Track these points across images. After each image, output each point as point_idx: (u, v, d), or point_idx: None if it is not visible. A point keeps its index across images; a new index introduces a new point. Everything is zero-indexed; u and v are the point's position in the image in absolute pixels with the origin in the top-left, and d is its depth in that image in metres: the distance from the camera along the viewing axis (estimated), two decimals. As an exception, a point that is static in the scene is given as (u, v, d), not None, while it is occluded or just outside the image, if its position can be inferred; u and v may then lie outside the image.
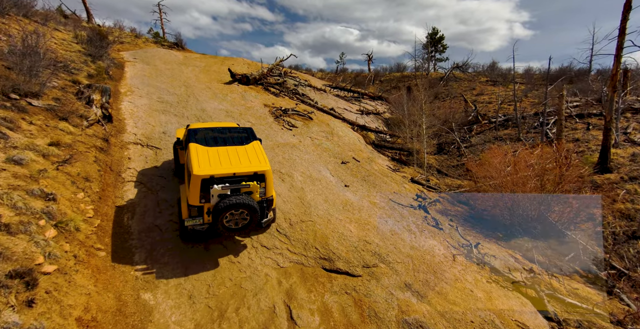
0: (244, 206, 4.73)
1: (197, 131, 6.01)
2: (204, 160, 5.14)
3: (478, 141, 14.93)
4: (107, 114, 8.23)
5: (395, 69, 39.95)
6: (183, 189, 5.46)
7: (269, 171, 5.21)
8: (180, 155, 6.80)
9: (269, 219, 5.41)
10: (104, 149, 7.06)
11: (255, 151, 5.64)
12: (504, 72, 29.42)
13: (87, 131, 7.22)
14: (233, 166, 5.12)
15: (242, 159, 5.36)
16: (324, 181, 8.51)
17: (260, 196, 5.16)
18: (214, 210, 4.70)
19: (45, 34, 11.66)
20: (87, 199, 5.41)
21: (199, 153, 5.30)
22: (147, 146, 8.07)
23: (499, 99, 18.60)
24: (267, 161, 5.43)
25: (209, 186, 4.81)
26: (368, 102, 24.43)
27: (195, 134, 5.87)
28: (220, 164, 5.12)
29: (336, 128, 13.44)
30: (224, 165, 5.10)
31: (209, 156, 5.27)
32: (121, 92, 10.52)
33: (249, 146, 5.81)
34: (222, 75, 16.44)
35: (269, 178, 5.20)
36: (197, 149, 5.42)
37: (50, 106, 6.99)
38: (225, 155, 5.39)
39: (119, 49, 18.64)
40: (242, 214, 4.87)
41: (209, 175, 4.79)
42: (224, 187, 4.77)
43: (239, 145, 5.80)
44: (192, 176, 4.77)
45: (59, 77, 8.41)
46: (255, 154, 5.57)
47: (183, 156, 6.65)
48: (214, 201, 4.79)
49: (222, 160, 5.23)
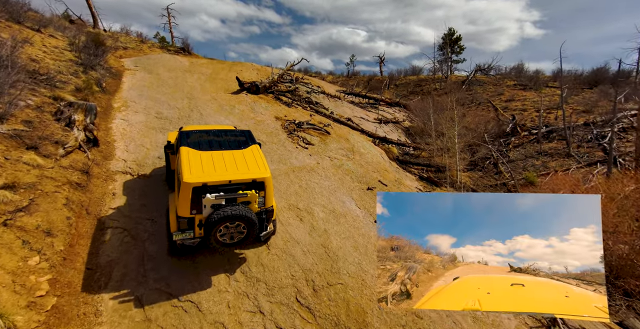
0: (240, 218, 4.22)
1: (190, 134, 5.41)
2: (196, 166, 4.56)
3: (518, 155, 13.08)
4: (91, 137, 6.90)
5: (410, 72, 38.16)
6: (172, 199, 4.89)
7: (269, 178, 4.65)
8: (171, 160, 6.03)
9: (268, 232, 4.83)
10: (81, 184, 5.68)
11: (254, 156, 5.07)
12: (531, 74, 27.34)
13: (63, 161, 5.86)
14: (229, 172, 4.56)
15: (239, 164, 4.78)
16: (350, 217, 6.95)
17: (259, 207, 4.60)
18: (207, 222, 4.15)
19: (35, 42, 10.53)
20: (44, 265, 4.00)
21: (191, 158, 4.71)
22: (138, 175, 6.68)
23: (539, 106, 16.65)
24: (267, 167, 4.84)
25: (201, 195, 4.22)
26: (385, 109, 22.79)
27: (188, 137, 5.27)
28: (214, 170, 4.56)
29: (357, 144, 11.87)
30: (219, 171, 4.54)
31: (202, 161, 4.69)
32: (114, 107, 9.23)
33: (246, 150, 5.23)
34: (229, 84, 15.12)
35: (269, 186, 4.66)
36: (189, 153, 4.82)
37: (16, 131, 5.67)
38: (220, 160, 4.81)
39: (121, 55, 17.61)
40: (238, 227, 4.33)
41: (202, 183, 4.24)
42: (218, 197, 4.23)
43: (236, 149, 5.20)
44: (182, 184, 4.18)
45: (37, 93, 7.14)
46: (254, 159, 4.99)
47: (174, 161, 5.78)
48: (206, 212, 4.23)
49: (216, 166, 4.66)
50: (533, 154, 13.04)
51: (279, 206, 6.61)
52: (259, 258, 5.20)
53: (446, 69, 33.98)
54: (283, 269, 5.11)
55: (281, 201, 6.78)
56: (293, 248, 5.59)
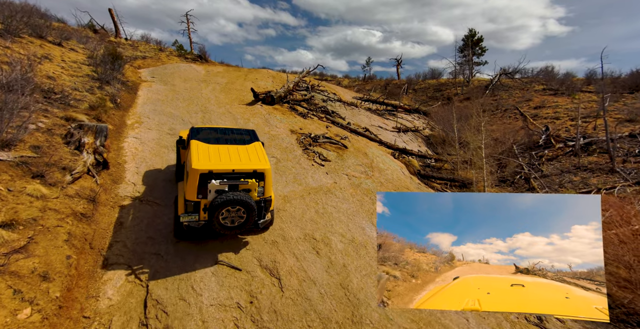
0: (240, 203, 4.68)
1: (200, 130, 6.10)
2: (204, 155, 5.11)
3: (552, 170, 11.94)
4: (101, 160, 6.65)
5: (429, 76, 36.90)
6: (181, 186, 5.46)
7: (268, 170, 5.17)
8: (182, 154, 6.59)
9: (266, 220, 5.33)
10: (86, 215, 5.38)
11: (256, 151, 5.64)
12: (561, 77, 25.59)
13: (69, 189, 5.59)
14: (233, 162, 5.11)
15: (242, 156, 5.34)
16: (371, 247, 6.30)
17: (259, 196, 5.12)
18: (210, 205, 4.63)
19: (54, 57, 10.60)
20: (35, 318, 3.63)
21: (200, 149, 5.29)
22: (147, 201, 6.35)
23: (575, 114, 15.29)
24: (267, 161, 5.38)
25: (207, 181, 4.75)
26: (404, 116, 21.90)
27: (198, 133, 5.94)
28: (220, 160, 5.09)
29: (375, 158, 11.19)
30: (224, 161, 5.08)
31: (209, 152, 5.25)
32: (127, 124, 9.06)
33: (250, 146, 5.81)
34: (244, 94, 14.85)
35: (268, 177, 5.16)
36: (198, 145, 5.41)
37: (23, 158, 5.45)
38: (225, 152, 5.37)
39: (139, 65, 17.82)
40: (238, 212, 4.80)
41: (208, 170, 4.76)
42: (222, 183, 4.75)
43: (241, 144, 5.80)
44: (191, 170, 4.73)
45: (49, 114, 6.99)
46: (256, 153, 5.55)
47: (184, 155, 6.31)
48: (211, 196, 4.77)
49: (222, 156, 5.21)
50: (570, 168, 11.86)
51: (294, 236, 6.08)
52: (272, 303, 4.67)
53: (468, 72, 32.55)
54: (298, 317, 4.54)
55: (296, 230, 6.23)
56: (309, 289, 5.02)
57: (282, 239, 5.92)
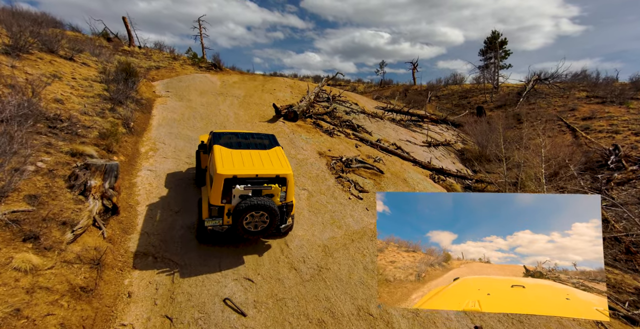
0: (264, 208, 4.75)
1: (222, 135, 6.15)
2: (227, 161, 5.20)
3: (627, 198, 10.23)
4: (110, 206, 5.58)
5: (451, 81, 35.09)
6: (205, 191, 5.60)
7: (290, 175, 5.20)
8: (202, 159, 6.75)
9: (287, 225, 5.38)
10: (87, 288, 4.26)
11: (278, 156, 5.72)
12: (601, 81, 23.44)
13: (69, 251, 4.51)
14: (256, 167, 5.18)
15: (264, 162, 5.42)
16: (441, 323, 4.94)
17: (281, 201, 5.18)
18: (235, 210, 4.71)
19: (64, 75, 9.78)
20: None
21: (223, 154, 5.38)
22: (162, 258, 5.22)
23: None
24: (289, 166, 5.44)
25: (231, 186, 4.84)
26: (430, 127, 20.38)
27: (220, 138, 5.98)
28: (243, 165, 5.19)
29: (417, 185, 9.81)
30: (247, 166, 5.17)
31: (232, 158, 5.34)
32: (141, 152, 8.04)
33: (271, 150, 5.90)
34: (264, 109, 13.77)
35: (290, 182, 5.20)
36: (222, 150, 5.50)
37: (14, 215, 4.41)
38: (248, 157, 5.47)
39: (153, 77, 17.09)
40: (262, 217, 4.85)
41: (232, 175, 4.85)
42: (246, 188, 4.82)
43: (262, 149, 5.87)
44: (216, 175, 4.83)
45: (52, 149, 6.00)
46: (278, 158, 5.63)
47: (206, 160, 6.51)
48: (235, 201, 4.86)
49: (245, 162, 5.30)
50: (647, 197, 10.12)
51: (345, 311, 4.79)
52: None
53: (495, 78, 30.61)
54: None
55: (346, 301, 4.92)
56: None
57: (331, 316, 4.65)
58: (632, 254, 9.32)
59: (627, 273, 8.60)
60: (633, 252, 9.34)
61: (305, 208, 7.17)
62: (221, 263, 5.23)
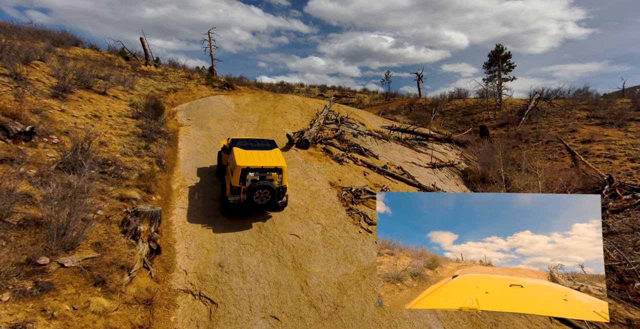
0: (267, 188, 7.39)
1: (237, 141, 9.02)
2: (243, 157, 7.89)
3: (622, 226, 10.82)
4: (155, 248, 6.50)
5: (456, 95, 35.89)
6: (227, 178, 8.36)
7: (285, 167, 7.92)
8: (223, 158, 9.76)
9: (283, 201, 8.21)
10: (143, 327, 5.14)
11: (277, 154, 8.51)
12: (602, 99, 23.92)
13: (127, 293, 5.41)
14: (261, 161, 7.88)
15: (267, 158, 8.15)
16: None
17: (278, 184, 7.82)
18: (248, 189, 7.36)
19: (102, 113, 10.85)
20: None
21: (240, 153, 8.10)
22: (200, 296, 6.09)
23: (638, 153, 13.99)
24: (284, 161, 8.18)
25: (245, 173, 7.60)
26: (435, 147, 21.13)
27: (237, 142, 8.88)
28: (253, 160, 7.87)
29: (421, 216, 10.57)
30: (256, 160, 7.85)
31: (246, 155, 8.04)
32: (173, 190, 9.01)
33: (272, 151, 8.74)
34: (277, 135, 14.76)
35: (284, 172, 7.93)
36: (238, 150, 8.26)
37: (86, 261, 5.34)
38: (256, 155, 8.21)
39: (172, 101, 18.24)
40: (265, 194, 7.45)
41: (247, 166, 7.57)
42: (255, 174, 7.62)
43: (266, 150, 8.72)
44: (236, 166, 7.54)
45: (105, 196, 6.97)
46: (276, 156, 8.40)
47: (226, 158, 9.37)
48: (247, 183, 7.55)
49: (254, 157, 8.01)
50: (641, 227, 10.70)
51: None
52: None
53: (499, 91, 31.29)
54: None
55: (358, 336, 5.72)
56: None
57: (346, 351, 5.44)
58: (625, 284, 9.88)
59: (620, 303, 9.17)
60: (626, 282, 9.91)
61: (320, 243, 7.99)
62: (251, 301, 6.08)
